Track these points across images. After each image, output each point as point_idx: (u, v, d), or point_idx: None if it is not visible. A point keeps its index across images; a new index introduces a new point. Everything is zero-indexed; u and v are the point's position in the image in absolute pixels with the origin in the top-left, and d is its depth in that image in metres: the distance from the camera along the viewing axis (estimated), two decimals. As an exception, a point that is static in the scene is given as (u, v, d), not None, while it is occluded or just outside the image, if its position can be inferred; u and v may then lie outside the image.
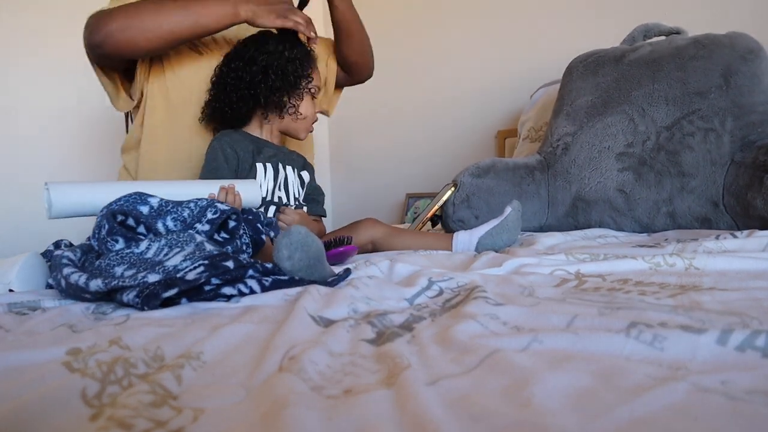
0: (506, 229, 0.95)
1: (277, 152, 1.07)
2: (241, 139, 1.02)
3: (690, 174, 1.08)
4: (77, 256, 0.68)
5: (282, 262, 0.63)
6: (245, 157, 1.00)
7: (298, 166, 1.12)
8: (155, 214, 0.71)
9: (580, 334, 0.38)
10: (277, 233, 0.80)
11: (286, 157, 1.09)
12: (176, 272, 0.57)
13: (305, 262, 0.64)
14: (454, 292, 0.58)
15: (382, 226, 1.05)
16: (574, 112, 1.27)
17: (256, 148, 1.03)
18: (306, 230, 0.64)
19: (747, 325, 0.38)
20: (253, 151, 1.02)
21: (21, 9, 1.65)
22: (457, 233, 0.99)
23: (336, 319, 0.49)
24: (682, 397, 0.28)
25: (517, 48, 2.00)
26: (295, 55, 1.03)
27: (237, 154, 0.99)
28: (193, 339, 0.43)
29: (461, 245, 0.97)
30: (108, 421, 0.28)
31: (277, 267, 0.63)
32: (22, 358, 0.39)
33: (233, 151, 0.99)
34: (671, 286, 0.55)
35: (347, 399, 0.31)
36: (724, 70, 1.11)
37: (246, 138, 1.03)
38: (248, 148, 1.01)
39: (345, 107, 2.72)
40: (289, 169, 1.08)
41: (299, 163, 1.13)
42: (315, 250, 0.65)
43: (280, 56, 1.02)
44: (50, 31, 1.69)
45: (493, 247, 0.94)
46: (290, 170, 1.08)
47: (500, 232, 0.95)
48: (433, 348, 0.39)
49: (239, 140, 1.01)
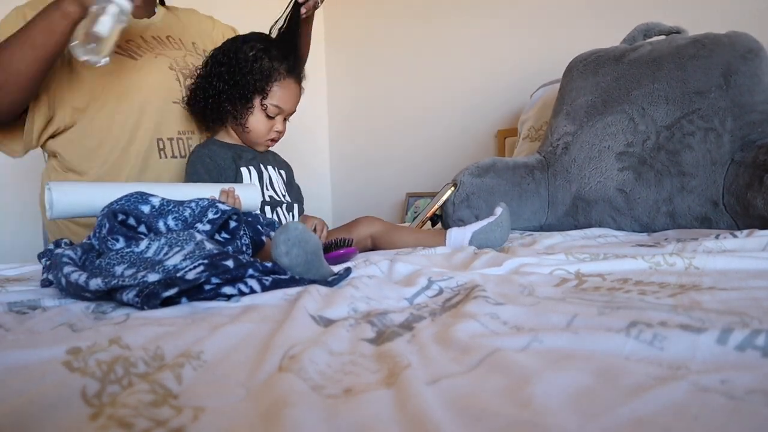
0: (500, 226, 0.96)
1: (255, 155, 1.09)
2: (218, 149, 1.03)
3: (690, 173, 1.08)
4: (78, 255, 0.68)
5: (280, 258, 0.63)
6: (226, 165, 1.01)
7: (277, 165, 1.14)
8: (156, 214, 0.71)
9: (580, 334, 0.38)
10: None
11: (263, 158, 1.11)
12: (176, 272, 0.57)
13: (303, 258, 0.64)
14: (454, 292, 0.58)
15: (380, 222, 1.08)
16: (574, 112, 1.27)
17: (235, 154, 1.04)
18: (303, 227, 0.65)
19: (747, 324, 0.38)
20: (233, 157, 1.03)
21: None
22: (451, 230, 1.00)
23: (336, 319, 0.49)
24: (682, 397, 0.28)
25: (517, 47, 2.00)
26: (257, 68, 1.01)
27: (217, 164, 1.00)
28: (193, 338, 0.43)
29: (455, 241, 0.98)
30: (108, 421, 0.28)
31: (278, 266, 0.63)
32: (22, 358, 0.39)
33: (213, 161, 1.00)
34: (671, 285, 0.55)
35: (347, 398, 0.31)
36: (724, 70, 1.10)
37: (223, 147, 1.05)
38: (227, 156, 1.03)
39: (345, 107, 2.72)
40: (270, 168, 1.10)
41: (277, 161, 1.16)
42: (312, 246, 0.65)
43: (243, 65, 1.01)
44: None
45: (486, 243, 0.95)
46: (271, 170, 1.10)
47: (494, 229, 0.96)
48: (433, 347, 0.39)
49: (216, 150, 1.03)
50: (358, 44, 2.49)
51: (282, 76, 1.03)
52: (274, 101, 1.04)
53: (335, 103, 2.63)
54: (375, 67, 2.47)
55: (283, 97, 1.04)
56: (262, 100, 1.03)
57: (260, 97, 1.03)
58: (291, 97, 1.06)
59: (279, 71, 1.03)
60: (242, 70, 1.01)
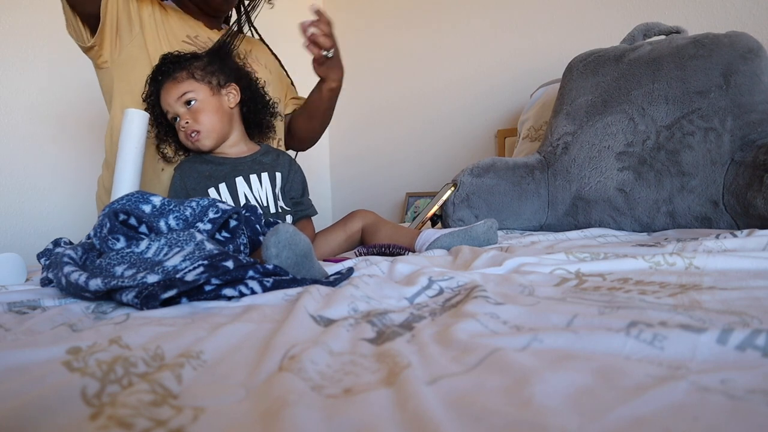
0: (469, 237, 0.93)
1: (235, 166, 1.04)
2: (192, 168, 1.04)
3: (690, 173, 1.08)
4: (78, 255, 0.68)
5: (270, 260, 0.64)
6: (196, 186, 1.02)
7: (267, 169, 1.06)
8: (157, 213, 0.71)
9: (580, 334, 0.38)
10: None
11: (247, 167, 1.05)
12: (175, 273, 0.57)
13: (292, 259, 0.65)
14: (454, 292, 0.58)
15: (372, 216, 1.11)
16: (574, 112, 1.27)
17: (211, 170, 1.03)
18: (294, 229, 0.66)
19: (747, 324, 0.38)
20: (208, 175, 1.02)
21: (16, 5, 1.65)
22: (425, 230, 1.00)
23: (336, 319, 0.49)
24: (682, 397, 0.28)
25: (517, 47, 2.00)
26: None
27: (186, 187, 1.02)
28: (193, 338, 0.43)
29: (422, 240, 0.97)
30: (108, 420, 0.28)
31: (279, 267, 0.63)
32: (22, 358, 0.39)
33: (182, 183, 1.02)
34: (671, 285, 0.55)
35: (347, 398, 0.31)
36: (724, 70, 1.10)
37: (203, 162, 1.04)
38: (201, 175, 1.02)
39: (345, 107, 2.72)
40: (253, 178, 1.04)
41: (267, 165, 1.07)
42: (302, 248, 0.66)
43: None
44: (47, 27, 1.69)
45: (450, 246, 0.93)
46: (254, 179, 1.04)
47: (463, 238, 0.93)
48: (433, 347, 0.39)
49: (189, 171, 1.03)
50: (357, 44, 2.49)
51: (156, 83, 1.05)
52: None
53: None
54: (375, 67, 2.47)
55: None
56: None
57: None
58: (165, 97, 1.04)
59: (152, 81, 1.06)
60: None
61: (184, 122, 1.01)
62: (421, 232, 1.00)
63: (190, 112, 1.01)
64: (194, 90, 1.01)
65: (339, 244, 1.09)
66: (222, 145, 1.06)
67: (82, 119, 1.79)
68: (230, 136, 1.06)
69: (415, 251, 0.96)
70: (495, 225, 0.97)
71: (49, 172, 1.73)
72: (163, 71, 1.03)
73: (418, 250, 0.95)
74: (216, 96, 1.04)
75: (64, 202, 1.76)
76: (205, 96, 1.02)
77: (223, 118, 1.04)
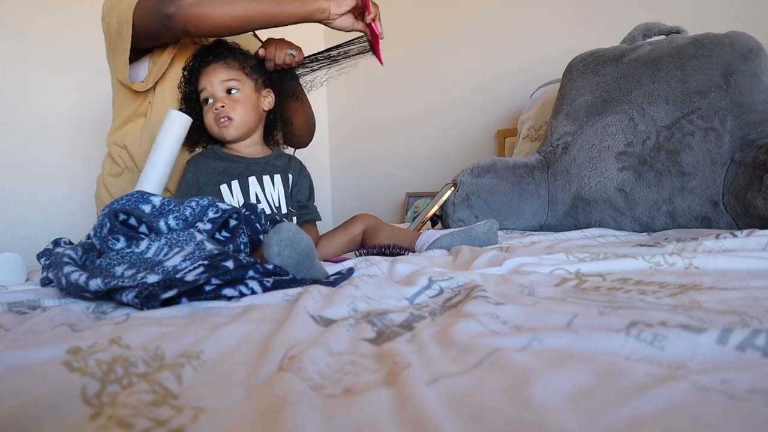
0: (470, 237, 0.94)
1: (249, 165, 1.06)
2: (206, 163, 1.04)
3: (690, 173, 1.08)
4: (78, 255, 0.68)
5: (272, 259, 0.64)
6: (209, 181, 1.02)
7: (280, 171, 1.09)
8: (157, 213, 0.71)
9: (580, 334, 0.38)
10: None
11: (260, 167, 1.07)
12: (175, 273, 0.57)
13: (294, 258, 0.65)
14: (455, 292, 0.58)
15: (373, 219, 1.12)
16: (574, 112, 1.27)
17: (225, 167, 1.04)
18: (296, 228, 0.66)
19: (747, 324, 0.38)
20: (222, 171, 1.03)
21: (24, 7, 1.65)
22: (425, 231, 1.00)
23: (336, 319, 0.49)
24: (682, 397, 0.28)
25: (517, 47, 2.00)
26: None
27: (198, 181, 1.02)
28: (193, 338, 0.43)
29: (422, 241, 0.97)
30: (108, 420, 0.28)
31: (279, 267, 0.63)
32: (22, 358, 0.39)
33: (195, 177, 1.02)
34: (671, 285, 0.55)
35: (347, 398, 0.31)
36: (724, 70, 1.10)
37: (216, 158, 1.05)
38: (214, 170, 1.03)
39: (345, 107, 2.72)
40: (266, 179, 1.06)
41: (280, 167, 1.10)
42: (304, 247, 0.66)
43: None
44: (61, 31, 1.69)
45: (450, 246, 0.93)
46: (267, 180, 1.06)
47: (463, 238, 0.94)
48: (433, 347, 0.39)
49: (203, 166, 1.03)
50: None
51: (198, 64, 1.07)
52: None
53: (335, 103, 2.62)
54: (375, 67, 2.47)
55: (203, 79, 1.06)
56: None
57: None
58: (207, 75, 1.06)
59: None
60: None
61: (220, 105, 1.03)
62: (421, 233, 1.00)
63: (229, 99, 1.04)
64: (241, 80, 1.05)
65: (341, 247, 1.10)
66: (240, 143, 1.08)
67: (82, 119, 1.80)
68: (253, 135, 1.09)
69: (415, 252, 0.96)
70: (495, 225, 0.97)
71: (48, 171, 1.73)
72: (216, 53, 1.06)
73: (419, 251, 0.95)
74: (257, 94, 1.07)
75: (64, 202, 1.76)
76: (248, 90, 1.06)
77: (256, 116, 1.07)
